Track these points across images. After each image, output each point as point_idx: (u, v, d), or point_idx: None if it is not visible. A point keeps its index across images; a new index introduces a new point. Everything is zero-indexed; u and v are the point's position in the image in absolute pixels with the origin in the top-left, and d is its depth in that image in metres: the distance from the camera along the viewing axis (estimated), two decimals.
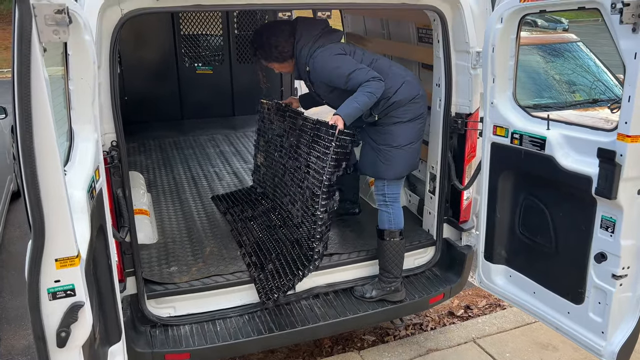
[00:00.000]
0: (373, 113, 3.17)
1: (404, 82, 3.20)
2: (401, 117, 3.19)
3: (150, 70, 6.40)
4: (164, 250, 3.50)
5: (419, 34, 3.88)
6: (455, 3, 3.14)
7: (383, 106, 3.16)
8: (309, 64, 3.18)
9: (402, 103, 3.18)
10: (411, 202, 4.16)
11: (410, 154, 3.26)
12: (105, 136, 2.70)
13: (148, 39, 6.31)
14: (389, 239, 3.28)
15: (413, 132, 3.24)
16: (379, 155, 3.24)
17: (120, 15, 2.59)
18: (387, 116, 3.19)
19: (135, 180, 3.98)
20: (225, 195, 4.41)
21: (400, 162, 3.25)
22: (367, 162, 3.32)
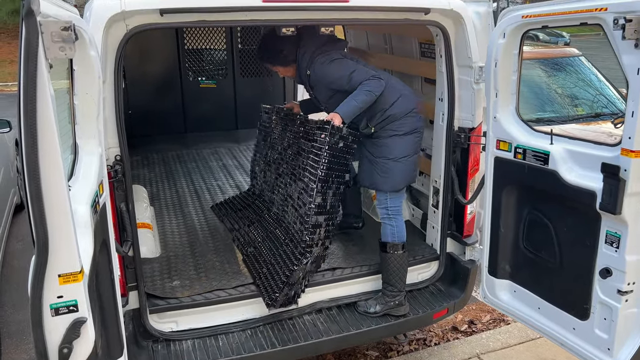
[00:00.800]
0: (369, 125, 3.23)
1: (400, 95, 3.26)
2: (397, 130, 3.23)
3: (154, 84, 6.43)
4: (167, 265, 3.49)
5: (422, 48, 3.91)
6: (457, 18, 3.16)
7: (379, 119, 3.22)
8: (309, 67, 3.26)
9: (397, 116, 3.23)
10: (414, 216, 4.15)
11: (407, 167, 3.30)
12: (109, 150, 2.71)
13: (152, 53, 6.35)
14: (392, 251, 3.29)
15: (409, 145, 3.28)
16: (376, 168, 3.27)
17: (125, 30, 2.61)
18: (383, 129, 3.24)
19: (138, 194, 3.99)
20: (223, 202, 4.42)
21: (397, 175, 3.28)
22: (365, 174, 3.36)
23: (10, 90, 13.92)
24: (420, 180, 4.05)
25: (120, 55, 2.64)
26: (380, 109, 3.19)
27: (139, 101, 6.33)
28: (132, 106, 6.27)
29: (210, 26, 2.83)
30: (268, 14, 2.76)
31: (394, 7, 2.98)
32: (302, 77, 3.40)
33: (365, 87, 3.09)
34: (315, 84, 3.34)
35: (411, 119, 3.27)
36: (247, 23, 2.76)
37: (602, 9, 2.32)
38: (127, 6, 2.54)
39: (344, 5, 2.83)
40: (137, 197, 3.84)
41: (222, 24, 2.74)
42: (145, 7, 2.58)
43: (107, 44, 2.59)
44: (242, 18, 2.73)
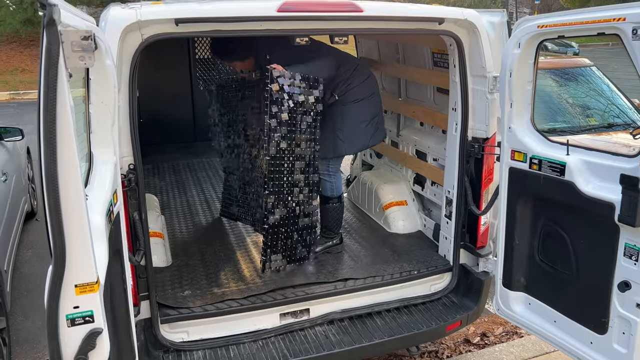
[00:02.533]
0: (334, 94, 3.57)
1: (357, 65, 3.70)
2: (357, 96, 3.61)
3: (165, 93, 6.46)
4: (178, 274, 3.47)
5: (434, 58, 3.89)
6: (472, 28, 3.15)
7: (342, 87, 3.59)
8: (270, 52, 3.42)
9: (356, 83, 3.62)
10: (426, 226, 4.12)
11: (368, 129, 3.70)
12: (122, 159, 2.71)
13: (164, 62, 6.38)
14: (332, 203, 3.78)
15: (368, 109, 3.68)
16: (339, 135, 3.60)
17: (140, 40, 2.62)
18: (345, 96, 3.61)
19: (150, 203, 3.98)
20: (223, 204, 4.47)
21: (359, 137, 3.68)
22: (330, 145, 3.62)
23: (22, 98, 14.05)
24: (433, 190, 4.03)
25: (135, 65, 2.64)
26: (342, 79, 3.57)
27: (150, 110, 6.34)
28: (143, 115, 6.25)
29: (225, 36, 2.83)
30: (282, 23, 2.76)
31: (408, 17, 2.97)
32: (262, 65, 3.43)
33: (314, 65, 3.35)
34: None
35: (368, 83, 3.69)
36: (261, 33, 2.76)
37: (620, 18, 2.30)
38: (143, 16, 2.55)
39: (359, 15, 2.83)
40: (148, 206, 3.82)
41: (236, 33, 2.75)
42: (160, 16, 2.59)
43: (123, 53, 2.60)
44: (256, 28, 2.73)
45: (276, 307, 3.20)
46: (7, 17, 15.77)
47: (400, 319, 3.34)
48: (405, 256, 3.73)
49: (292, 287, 3.31)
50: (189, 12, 2.62)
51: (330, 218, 3.79)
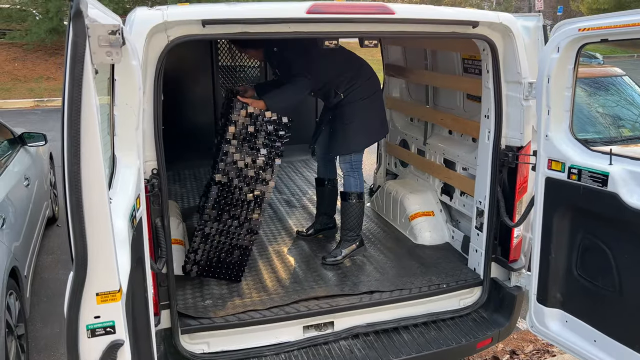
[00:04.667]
0: (338, 92, 3.65)
1: (361, 65, 3.78)
2: (362, 94, 3.67)
3: (188, 100, 6.44)
4: (198, 283, 3.38)
5: (465, 64, 3.78)
6: (506, 32, 3.03)
7: (346, 86, 3.66)
8: (277, 44, 3.55)
9: (360, 82, 3.68)
10: (454, 238, 3.97)
11: (375, 124, 3.82)
12: (146, 164, 2.64)
13: (187, 69, 6.37)
14: (355, 200, 3.73)
15: (374, 106, 3.76)
16: (348, 132, 3.65)
17: (166, 41, 2.56)
18: (350, 94, 3.66)
19: (172, 210, 3.89)
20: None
21: (368, 133, 3.77)
22: (339, 142, 3.73)
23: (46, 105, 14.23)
24: (462, 200, 3.89)
25: (161, 67, 2.58)
26: (346, 78, 3.64)
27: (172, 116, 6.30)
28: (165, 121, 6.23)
29: (252, 38, 2.76)
30: (311, 25, 2.68)
31: (441, 19, 2.87)
32: (270, 56, 3.67)
33: (293, 86, 3.49)
34: (279, 62, 3.67)
35: (372, 81, 3.76)
36: (290, 35, 2.68)
37: None
38: (170, 17, 2.49)
39: (390, 17, 2.73)
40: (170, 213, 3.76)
41: (264, 36, 2.67)
42: (187, 17, 2.53)
43: (148, 54, 2.54)
44: (285, 30, 2.65)
45: (299, 320, 3.09)
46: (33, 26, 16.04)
47: (429, 335, 3.20)
48: (433, 269, 3.59)
49: (315, 299, 3.20)
50: (216, 13, 2.55)
51: (351, 217, 3.75)
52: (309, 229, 4.16)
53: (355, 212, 3.76)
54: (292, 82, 3.49)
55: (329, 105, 3.82)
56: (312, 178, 4.81)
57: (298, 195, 5.22)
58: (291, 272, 3.56)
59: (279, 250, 3.91)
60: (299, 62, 3.53)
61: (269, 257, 3.79)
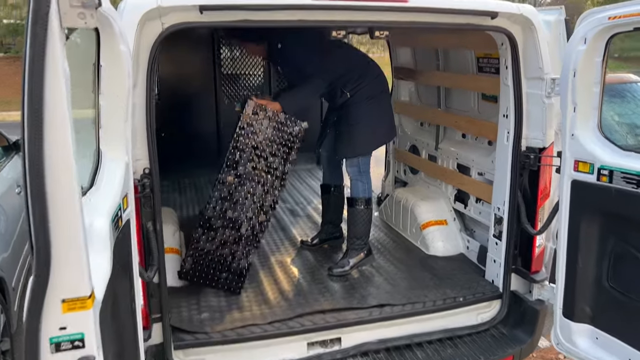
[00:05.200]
0: (345, 91, 3.43)
1: (369, 62, 3.60)
2: (369, 93, 3.45)
3: (190, 108, 6.27)
4: (195, 294, 3.14)
5: (479, 63, 3.56)
6: (527, 24, 2.82)
7: (353, 85, 3.44)
8: (282, 40, 3.32)
9: (368, 80, 3.48)
10: (469, 248, 3.72)
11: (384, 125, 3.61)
12: (137, 162, 2.42)
13: (189, 77, 6.22)
14: (363, 206, 3.52)
15: (382, 105, 3.55)
16: (354, 133, 3.44)
17: (161, 29, 2.36)
18: (357, 93, 3.44)
19: (168, 217, 3.68)
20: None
21: (377, 134, 3.57)
22: (344, 144, 3.51)
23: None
24: (477, 208, 3.64)
25: (154, 57, 2.38)
26: (353, 76, 3.43)
27: (172, 124, 6.15)
28: (165, 129, 6.08)
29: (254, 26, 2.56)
30: (318, 13, 2.48)
31: (457, 9, 2.66)
32: (273, 53, 3.44)
33: (307, 87, 3.33)
34: (284, 60, 3.45)
35: (380, 80, 3.57)
36: (294, 23, 2.48)
37: None
38: (164, 2, 2.30)
39: (403, 5, 2.52)
40: (166, 220, 3.51)
41: (267, 24, 2.47)
42: (183, 3, 2.33)
43: (140, 43, 2.34)
44: (289, 18, 2.45)
45: (303, 335, 2.85)
46: None
47: (444, 352, 2.94)
48: (447, 281, 3.34)
49: (321, 313, 2.95)
50: None
51: (359, 224, 3.53)
52: (314, 239, 3.92)
53: (363, 219, 3.53)
54: (307, 82, 3.31)
55: (334, 106, 3.60)
56: (317, 187, 4.58)
57: (302, 204, 4.98)
58: (295, 283, 3.32)
59: (282, 261, 3.67)
60: (310, 61, 3.33)
61: (271, 268, 3.55)
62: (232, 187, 3.13)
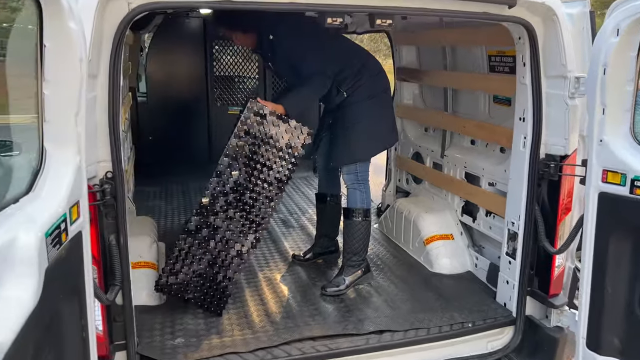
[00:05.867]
0: (341, 90, 3.11)
1: (368, 57, 3.26)
2: (369, 92, 3.13)
3: (179, 110, 5.97)
4: (170, 316, 2.79)
5: (491, 62, 3.24)
6: (549, 15, 2.50)
7: (350, 83, 3.11)
8: (273, 32, 3.00)
9: (367, 78, 3.14)
10: (478, 266, 3.37)
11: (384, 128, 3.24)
12: (98, 165, 2.09)
13: (179, 77, 5.93)
14: (361, 218, 3.17)
15: (381, 105, 3.21)
16: (352, 136, 3.10)
17: (127, 10, 2.04)
18: (355, 92, 3.12)
19: (145, 227, 3.34)
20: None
21: (377, 137, 3.21)
22: (340, 150, 3.17)
23: None
24: (487, 221, 3.30)
25: (119, 43, 2.05)
26: (350, 73, 3.10)
27: (161, 127, 5.85)
28: (153, 132, 5.79)
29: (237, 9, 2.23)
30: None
31: None
32: (263, 45, 3.08)
33: (310, 86, 2.99)
34: (277, 54, 3.09)
35: (380, 78, 3.23)
36: (285, 7, 2.16)
37: None
38: None
39: None
40: (142, 231, 3.22)
41: (253, 6, 2.14)
42: None
43: (103, 27, 2.03)
44: (278, 0, 2.12)
45: None
46: None
47: None
48: (454, 303, 2.99)
49: (311, 340, 2.61)
50: None
51: (356, 238, 3.18)
52: (307, 253, 3.57)
53: (361, 233, 3.18)
54: (310, 79, 2.98)
55: (330, 107, 3.27)
56: (313, 196, 4.25)
57: (296, 214, 4.64)
58: (283, 304, 2.97)
59: (271, 278, 3.32)
60: (304, 55, 3.00)
61: (257, 286, 3.20)
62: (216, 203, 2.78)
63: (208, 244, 2.79)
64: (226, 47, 6.02)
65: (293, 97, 3.01)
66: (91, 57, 1.93)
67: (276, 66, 3.26)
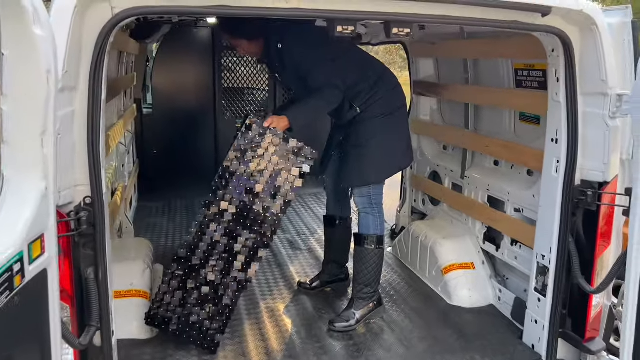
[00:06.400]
0: (354, 105, 2.86)
1: (384, 69, 3.03)
2: (385, 108, 2.87)
3: (186, 122, 5.76)
4: (161, 352, 2.54)
5: (518, 76, 2.96)
6: (588, 24, 2.22)
7: (365, 97, 2.86)
8: (281, 41, 2.77)
9: (384, 92, 2.89)
10: (502, 300, 3.06)
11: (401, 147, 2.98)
12: (75, 189, 1.85)
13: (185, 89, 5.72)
14: (375, 245, 2.90)
15: (399, 123, 2.97)
16: (366, 157, 2.85)
17: (110, 15, 1.80)
18: (370, 108, 2.86)
19: (139, 250, 3.10)
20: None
21: (394, 157, 2.95)
22: (352, 171, 2.90)
23: None
24: (513, 251, 3.00)
25: (101, 52, 1.81)
26: (365, 87, 2.85)
27: (166, 139, 5.64)
28: (158, 145, 5.58)
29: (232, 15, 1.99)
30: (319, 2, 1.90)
31: (501, 2, 2.07)
32: (270, 54, 2.84)
33: (319, 98, 2.74)
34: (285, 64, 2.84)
35: (397, 94, 2.98)
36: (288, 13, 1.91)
37: None
38: None
39: None
40: (136, 255, 2.98)
41: (251, 12, 1.89)
42: None
43: (82, 34, 1.79)
44: (281, 6, 1.87)
45: None
46: None
47: None
48: (475, 342, 2.69)
49: None
50: None
51: (368, 268, 2.89)
52: (314, 281, 3.30)
53: (374, 262, 2.90)
54: (320, 91, 2.72)
55: (341, 123, 3.00)
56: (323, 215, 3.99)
57: (304, 234, 4.37)
58: (286, 341, 2.69)
59: (274, 308, 3.04)
60: (315, 66, 2.75)
61: (258, 317, 2.93)
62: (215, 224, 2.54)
63: (200, 273, 2.54)
64: (236, 57, 5.81)
65: (298, 108, 2.77)
66: (67, 68, 1.71)
67: (284, 77, 3.01)
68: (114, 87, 3.39)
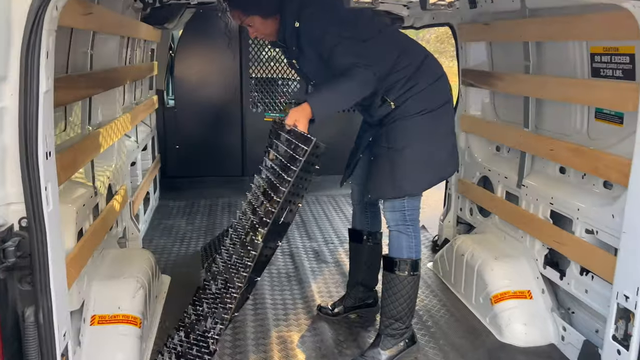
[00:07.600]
0: (388, 99, 2.38)
1: (426, 55, 2.49)
2: (426, 104, 2.38)
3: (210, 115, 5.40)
4: None
5: (594, 63, 2.36)
6: None
7: (401, 90, 2.38)
8: (298, 18, 2.31)
9: (425, 84, 2.40)
10: (566, 339, 2.48)
11: (443, 153, 2.46)
12: (8, 207, 1.44)
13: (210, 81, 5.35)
14: (409, 272, 2.41)
15: (442, 123, 2.46)
16: (400, 164, 2.37)
17: None
18: (406, 104, 2.38)
19: (134, 266, 2.68)
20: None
21: (433, 165, 2.43)
22: (382, 180, 2.41)
23: None
24: (583, 282, 2.40)
25: (35, 33, 1.39)
26: (401, 77, 2.38)
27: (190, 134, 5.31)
28: (180, 140, 5.26)
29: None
30: None
31: None
32: (286, 35, 2.39)
33: (348, 78, 2.21)
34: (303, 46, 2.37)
35: (442, 86, 2.47)
36: None
37: None
38: None
39: None
40: (130, 271, 2.58)
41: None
42: None
43: (10, 11, 1.36)
44: None
45: None
46: None
47: None
48: None
49: None
50: None
51: (399, 298, 2.42)
52: (337, 305, 2.82)
53: (406, 292, 2.39)
54: (347, 73, 2.22)
55: (371, 120, 2.49)
56: None
57: (333, 244, 3.88)
58: None
59: (286, 339, 2.59)
60: (348, 46, 2.25)
61: (267, 351, 2.48)
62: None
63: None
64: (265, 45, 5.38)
65: (322, 92, 2.29)
66: None
67: (303, 63, 2.49)
68: (113, 77, 3.00)
